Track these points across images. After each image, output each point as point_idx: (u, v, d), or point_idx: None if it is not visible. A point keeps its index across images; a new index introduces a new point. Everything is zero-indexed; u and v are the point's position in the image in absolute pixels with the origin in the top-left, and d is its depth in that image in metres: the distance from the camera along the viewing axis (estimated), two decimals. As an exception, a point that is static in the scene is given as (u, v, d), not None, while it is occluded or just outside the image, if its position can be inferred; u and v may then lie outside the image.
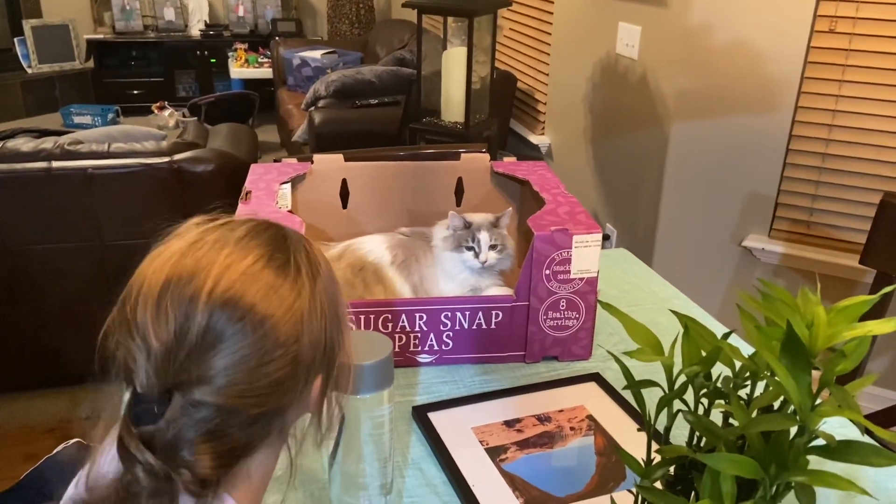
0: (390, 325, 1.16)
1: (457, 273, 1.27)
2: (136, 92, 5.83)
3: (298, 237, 0.66)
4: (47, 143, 2.19)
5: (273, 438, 0.63)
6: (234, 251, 0.60)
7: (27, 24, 5.50)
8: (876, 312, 1.50)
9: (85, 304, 2.23)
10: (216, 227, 0.64)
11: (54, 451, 0.94)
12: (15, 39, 5.54)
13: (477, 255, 1.24)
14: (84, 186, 2.16)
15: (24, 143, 2.19)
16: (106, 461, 0.61)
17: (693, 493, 0.67)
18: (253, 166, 1.38)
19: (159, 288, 0.58)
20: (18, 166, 2.13)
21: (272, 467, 0.67)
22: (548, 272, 1.16)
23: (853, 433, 1.07)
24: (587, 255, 1.16)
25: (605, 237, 2.98)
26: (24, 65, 5.58)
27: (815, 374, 0.56)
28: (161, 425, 0.56)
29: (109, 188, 2.19)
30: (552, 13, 3.24)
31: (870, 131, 2.13)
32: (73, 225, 2.21)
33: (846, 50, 2.11)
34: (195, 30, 6.00)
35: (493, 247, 1.25)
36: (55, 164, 2.15)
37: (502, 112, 3.37)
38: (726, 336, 0.65)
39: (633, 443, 1.02)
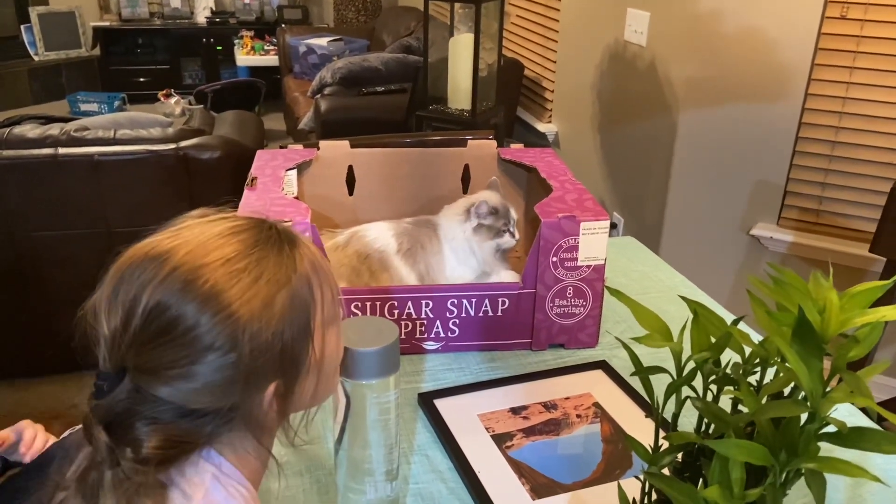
0: (396, 311, 1.16)
1: (477, 259, 1.27)
2: (142, 79, 5.83)
3: (280, 241, 0.64)
4: (54, 130, 2.19)
5: (234, 430, 0.64)
6: (200, 246, 0.60)
7: (34, 12, 5.50)
8: (886, 300, 1.49)
9: (92, 291, 2.23)
10: (203, 221, 0.64)
11: (62, 437, 0.94)
12: (22, 27, 5.54)
13: (513, 235, 1.28)
14: (90, 173, 2.16)
15: (30, 130, 2.19)
16: None
17: (701, 480, 0.67)
18: (259, 152, 1.37)
19: (120, 273, 0.60)
20: (25, 153, 2.13)
21: (255, 454, 0.67)
22: (555, 259, 1.15)
23: (862, 422, 1.06)
24: (594, 242, 1.15)
25: (613, 226, 2.97)
26: (31, 52, 5.59)
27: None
28: (110, 402, 0.59)
29: (116, 175, 2.19)
30: (560, 0, 3.21)
31: (880, 119, 2.11)
32: (79, 211, 2.21)
33: (857, 36, 2.09)
34: (201, 17, 5.98)
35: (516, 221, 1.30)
36: (62, 150, 2.15)
37: (509, 100, 3.35)
38: (736, 322, 0.64)
39: (640, 431, 1.01)
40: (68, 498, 0.60)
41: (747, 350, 0.63)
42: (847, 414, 1.08)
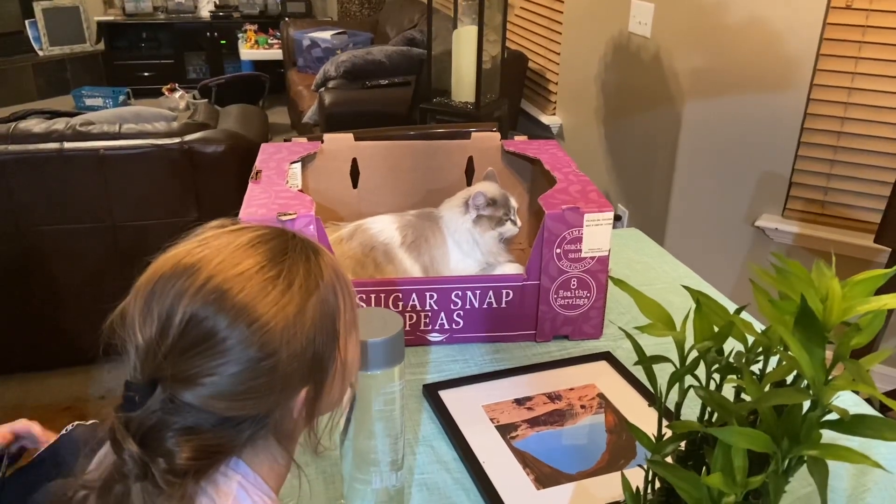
0: (401, 303, 1.16)
1: (480, 250, 1.28)
2: (146, 74, 5.84)
3: (305, 249, 0.65)
4: (59, 125, 2.20)
5: (263, 438, 0.64)
6: (230, 256, 0.61)
7: (38, 7, 5.50)
8: (889, 289, 1.49)
9: (97, 285, 2.25)
10: (226, 231, 0.65)
11: (68, 429, 0.95)
12: (26, 22, 5.55)
13: (515, 223, 1.28)
14: (96, 167, 2.17)
15: (36, 125, 2.20)
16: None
17: (704, 468, 0.67)
18: (263, 146, 1.38)
19: (152, 285, 0.60)
20: (31, 147, 2.14)
21: (282, 462, 0.68)
22: (559, 251, 1.15)
23: (866, 412, 1.06)
24: (598, 233, 1.15)
25: (618, 217, 2.97)
26: (36, 47, 5.60)
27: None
28: (142, 414, 0.58)
29: (121, 169, 2.19)
30: (564, -9, 3.21)
31: (886, 109, 2.10)
32: (85, 205, 2.22)
33: (863, 26, 2.08)
34: (205, 11, 5.98)
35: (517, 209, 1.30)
36: (67, 144, 2.15)
37: (513, 92, 3.35)
38: (739, 311, 0.64)
39: (644, 421, 1.02)
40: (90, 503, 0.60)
41: (750, 339, 0.64)
42: (851, 404, 1.08)
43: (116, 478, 0.59)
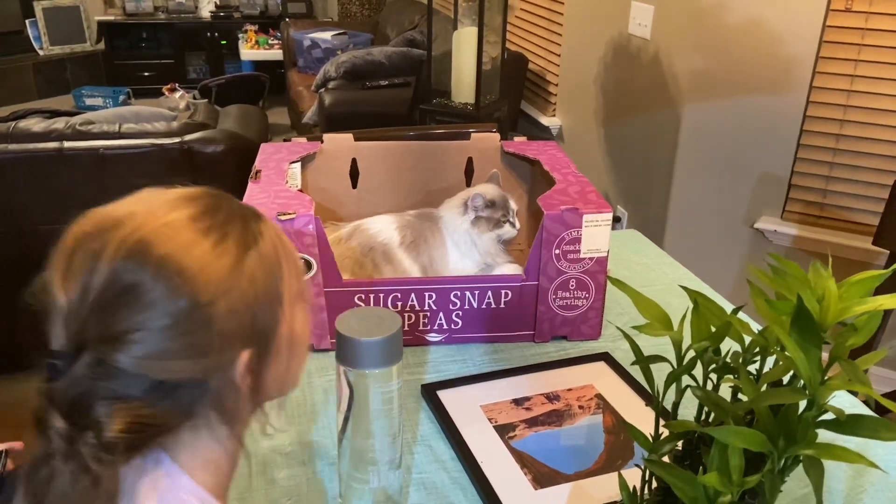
0: (400, 303, 1.16)
1: (478, 251, 1.28)
2: (146, 74, 5.84)
3: (242, 210, 0.62)
4: (59, 124, 2.20)
5: (203, 413, 0.58)
6: (158, 208, 0.57)
7: (38, 6, 5.51)
8: (886, 290, 1.49)
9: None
10: (156, 190, 0.61)
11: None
12: (26, 21, 5.55)
13: (514, 225, 1.29)
14: (96, 167, 2.17)
15: (35, 124, 2.20)
16: None
17: (701, 468, 0.67)
18: (263, 146, 1.38)
19: (73, 243, 0.56)
20: (31, 146, 2.14)
21: (223, 450, 0.62)
22: (557, 252, 1.15)
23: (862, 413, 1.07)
24: (597, 234, 1.15)
25: (617, 219, 2.97)
26: (36, 47, 5.60)
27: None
28: (67, 383, 0.53)
29: (121, 168, 2.19)
30: (564, -7, 3.21)
31: (885, 112, 2.10)
32: (85, 205, 2.18)
33: (862, 29, 2.08)
34: (205, 11, 5.99)
35: (516, 211, 1.30)
36: (67, 144, 2.15)
37: (513, 93, 3.35)
38: (736, 311, 0.65)
39: (642, 421, 1.02)
40: (17, 499, 0.54)
41: (747, 339, 0.64)
42: (848, 405, 1.09)
43: (42, 460, 0.53)
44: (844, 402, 1.09)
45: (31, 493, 0.54)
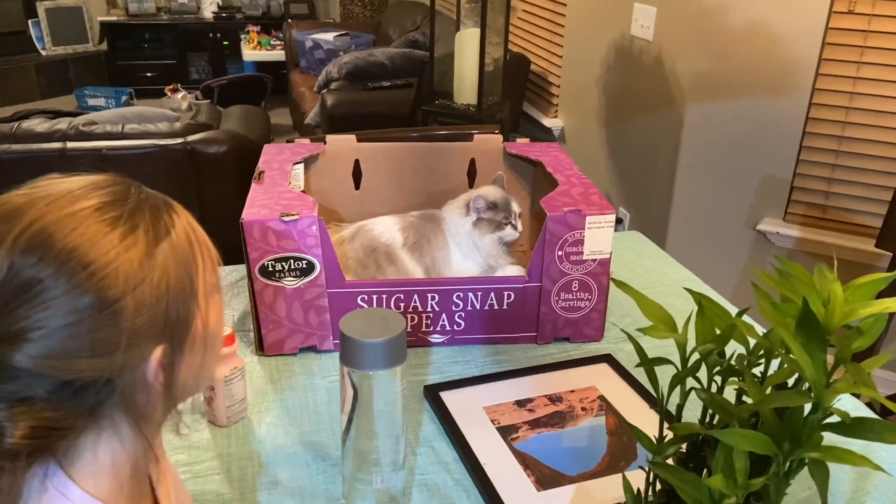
0: (402, 304, 1.16)
1: (480, 252, 1.28)
2: (149, 74, 5.85)
3: (153, 199, 0.58)
4: (62, 124, 2.20)
5: (111, 414, 0.55)
6: (61, 197, 0.53)
7: (41, 7, 5.51)
8: (890, 292, 1.49)
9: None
10: (60, 177, 0.57)
11: None
12: (29, 21, 5.56)
13: (515, 228, 1.29)
14: (99, 167, 2.16)
15: (38, 124, 2.21)
16: None
17: (705, 470, 0.67)
18: (266, 147, 1.38)
19: None
20: (34, 146, 2.14)
21: (128, 455, 0.58)
22: (560, 253, 1.15)
23: (866, 415, 1.07)
24: (600, 236, 1.15)
25: (619, 220, 2.97)
26: (39, 47, 5.61)
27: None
28: None
29: (123, 169, 2.18)
30: (566, -6, 3.21)
31: (888, 114, 2.10)
32: (87, 205, 2.22)
33: (865, 31, 2.08)
34: (208, 12, 5.99)
35: (519, 214, 1.30)
36: (70, 144, 2.16)
37: (515, 95, 3.35)
38: (741, 313, 0.65)
39: (645, 424, 1.02)
40: None
41: (752, 341, 0.64)
42: (851, 408, 1.09)
43: None
44: (847, 404, 1.09)
45: None
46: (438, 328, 1.19)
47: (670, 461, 0.66)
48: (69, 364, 0.51)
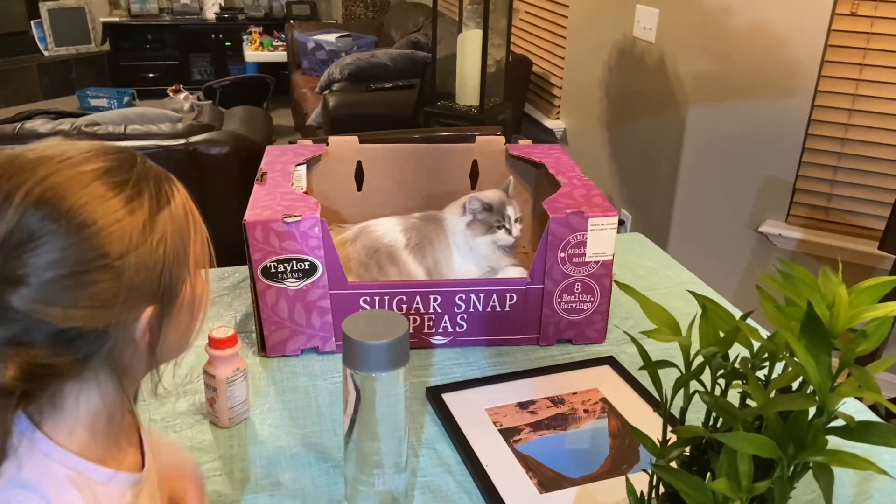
0: (405, 306, 1.16)
1: (487, 256, 1.28)
2: (151, 75, 5.85)
3: (156, 170, 0.62)
4: (64, 125, 2.21)
5: (96, 366, 0.58)
6: (71, 159, 0.57)
7: (43, 7, 5.52)
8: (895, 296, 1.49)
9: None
10: (69, 140, 0.60)
11: None
12: (31, 22, 5.57)
13: (509, 232, 1.27)
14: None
15: (41, 125, 2.21)
16: None
17: (709, 473, 0.67)
18: (269, 148, 1.38)
19: None
20: (36, 147, 2.14)
21: (106, 407, 0.61)
22: (563, 255, 1.15)
23: (869, 419, 1.06)
24: (603, 238, 1.15)
25: (621, 222, 2.96)
26: (41, 47, 5.61)
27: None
28: None
29: (126, 170, 2.20)
30: (568, -4, 3.21)
31: (890, 116, 2.10)
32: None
33: (867, 33, 2.08)
34: (210, 13, 6.00)
35: (517, 219, 1.29)
36: (72, 145, 2.16)
37: (517, 96, 3.35)
38: (745, 316, 0.64)
39: (647, 426, 1.01)
40: None
41: (756, 344, 0.64)
42: (854, 411, 1.08)
43: None
44: (850, 408, 1.09)
45: None
46: (440, 330, 1.19)
47: (674, 464, 0.66)
48: (67, 313, 0.54)
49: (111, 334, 0.57)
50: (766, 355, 0.63)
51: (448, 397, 1.07)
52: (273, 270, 1.09)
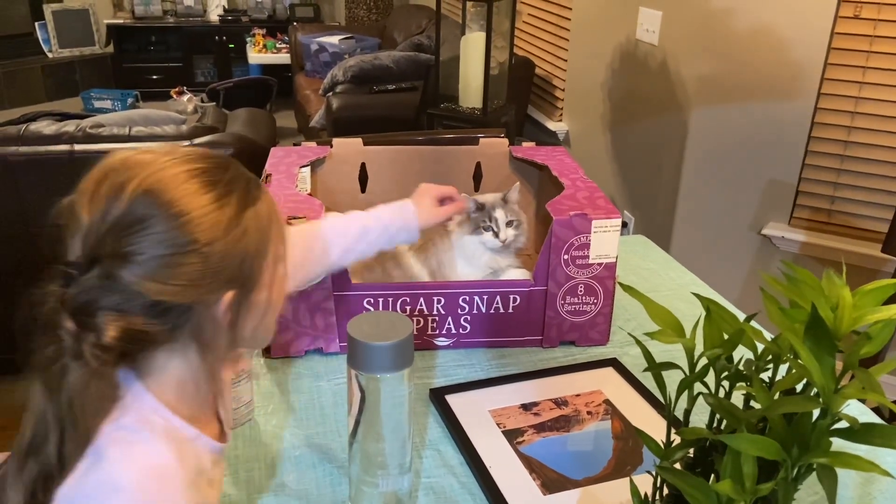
0: (408, 308, 1.17)
1: (476, 256, 1.27)
2: (155, 77, 5.86)
3: (248, 175, 0.71)
4: (69, 127, 2.21)
5: (184, 339, 0.66)
6: (172, 161, 0.66)
7: (48, 9, 5.54)
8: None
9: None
10: (180, 145, 0.70)
11: None
12: (36, 24, 5.58)
13: (496, 235, 1.25)
14: (105, 169, 2.18)
15: (46, 126, 2.21)
16: None
17: (713, 475, 0.67)
18: (273, 150, 1.39)
19: (101, 174, 0.65)
20: (41, 149, 2.15)
21: (192, 375, 0.69)
22: (566, 257, 1.15)
23: (872, 421, 1.06)
24: (606, 240, 1.16)
25: (623, 224, 2.97)
26: (45, 49, 5.63)
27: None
28: (77, 291, 0.61)
29: (130, 171, 2.20)
30: (572, -2, 3.21)
31: (894, 119, 2.10)
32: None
33: (871, 36, 2.08)
34: (214, 15, 6.01)
35: (509, 223, 1.26)
36: (77, 147, 2.16)
37: (520, 98, 3.36)
38: (749, 319, 0.65)
39: (651, 428, 1.01)
40: (33, 392, 0.63)
41: (760, 346, 0.64)
42: (857, 413, 1.08)
43: (53, 358, 0.62)
44: (853, 410, 1.09)
45: (45, 387, 0.62)
46: (444, 331, 1.19)
47: (678, 466, 0.66)
48: (161, 288, 0.62)
49: (195, 310, 0.65)
50: (769, 357, 0.63)
51: (452, 399, 1.07)
52: (277, 272, 1.10)
